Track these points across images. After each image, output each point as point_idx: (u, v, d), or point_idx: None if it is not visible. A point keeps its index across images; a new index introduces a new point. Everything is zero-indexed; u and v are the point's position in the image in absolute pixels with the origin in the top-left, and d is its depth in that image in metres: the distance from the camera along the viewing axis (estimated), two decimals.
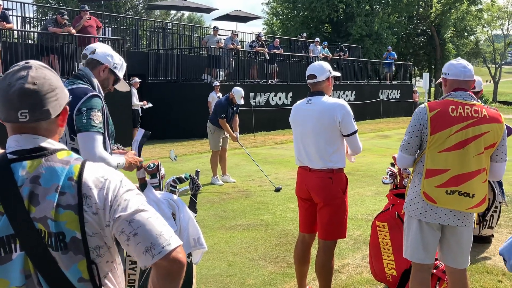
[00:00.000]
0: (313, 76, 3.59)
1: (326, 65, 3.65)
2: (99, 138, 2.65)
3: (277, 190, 7.93)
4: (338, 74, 3.79)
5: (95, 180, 1.38)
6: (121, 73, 2.97)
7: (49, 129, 1.43)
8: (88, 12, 12.93)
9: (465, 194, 2.91)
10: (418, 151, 3.09)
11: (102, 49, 2.92)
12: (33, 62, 1.43)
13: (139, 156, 3.14)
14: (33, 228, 1.33)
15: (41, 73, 1.40)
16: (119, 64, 2.94)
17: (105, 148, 2.71)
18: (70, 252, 1.35)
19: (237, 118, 8.85)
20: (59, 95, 1.43)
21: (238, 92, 8.38)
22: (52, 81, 1.41)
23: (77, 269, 1.36)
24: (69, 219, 1.34)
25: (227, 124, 8.35)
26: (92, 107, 2.64)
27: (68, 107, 1.48)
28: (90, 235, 1.37)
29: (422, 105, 3.03)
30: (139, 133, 3.25)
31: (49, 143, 1.42)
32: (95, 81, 2.81)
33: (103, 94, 2.85)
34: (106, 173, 1.43)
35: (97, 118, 2.65)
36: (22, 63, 1.42)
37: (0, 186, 1.34)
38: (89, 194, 1.36)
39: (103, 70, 2.87)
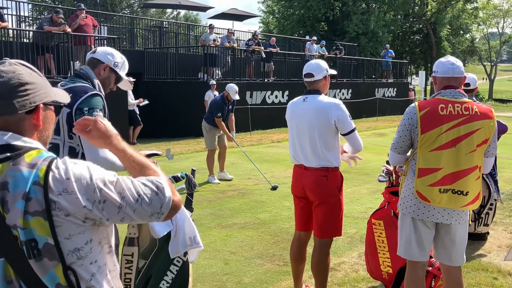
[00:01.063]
0: (310, 75, 3.59)
1: (323, 64, 3.66)
2: None
3: (274, 188, 7.94)
4: (334, 72, 3.80)
5: (60, 184, 1.31)
6: (122, 72, 2.94)
7: (20, 126, 1.37)
8: (84, 11, 12.89)
9: (459, 192, 2.92)
10: (411, 150, 3.10)
11: (102, 48, 2.92)
12: (9, 60, 1.40)
13: None
14: (10, 234, 1.29)
15: (13, 68, 1.37)
16: (120, 62, 2.91)
17: None
18: (45, 258, 1.31)
19: (233, 117, 8.84)
20: (31, 91, 1.37)
21: (231, 88, 8.36)
22: (23, 76, 1.36)
23: (54, 275, 1.32)
24: (38, 225, 1.29)
25: (223, 123, 8.34)
26: (93, 107, 2.62)
27: (42, 106, 1.42)
28: (67, 237, 1.32)
29: (412, 104, 3.04)
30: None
31: (18, 141, 1.35)
32: (96, 80, 2.80)
33: (103, 93, 2.84)
34: (68, 172, 1.34)
35: (99, 118, 2.64)
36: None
37: None
38: (56, 199, 1.30)
39: (104, 69, 2.84)
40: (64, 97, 1.55)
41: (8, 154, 1.32)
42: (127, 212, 1.37)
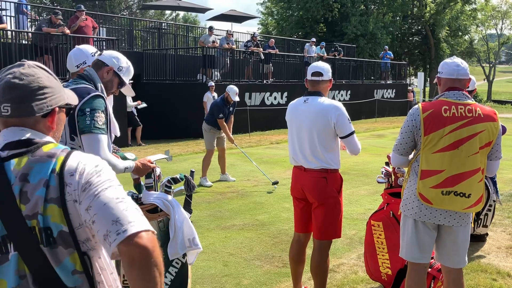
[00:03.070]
0: (319, 74, 3.60)
1: (329, 67, 3.73)
2: (104, 140, 2.64)
3: (274, 183, 8.10)
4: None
5: (74, 167, 1.35)
6: (126, 77, 2.94)
7: (35, 128, 1.42)
8: (84, 12, 12.88)
9: (461, 194, 2.91)
10: (414, 151, 3.09)
11: (108, 52, 2.93)
12: (28, 61, 1.43)
13: None
14: (25, 227, 1.31)
15: (32, 71, 1.40)
16: (125, 67, 2.92)
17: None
18: (60, 246, 1.33)
19: (232, 119, 8.86)
20: (48, 95, 1.41)
21: (232, 90, 8.41)
22: (42, 79, 1.41)
23: (69, 262, 1.34)
24: (53, 213, 1.32)
25: (225, 124, 8.34)
26: (95, 108, 2.62)
27: (57, 109, 1.46)
28: (77, 227, 1.34)
29: (416, 106, 3.03)
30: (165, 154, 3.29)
31: (36, 136, 1.40)
32: (99, 83, 2.80)
33: (106, 95, 2.83)
34: (86, 159, 1.39)
35: (101, 119, 2.64)
36: (18, 62, 1.44)
37: None
38: (69, 181, 1.33)
39: (107, 72, 2.85)
40: (74, 99, 1.60)
41: (27, 148, 1.37)
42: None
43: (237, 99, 8.48)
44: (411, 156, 3.13)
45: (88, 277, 1.37)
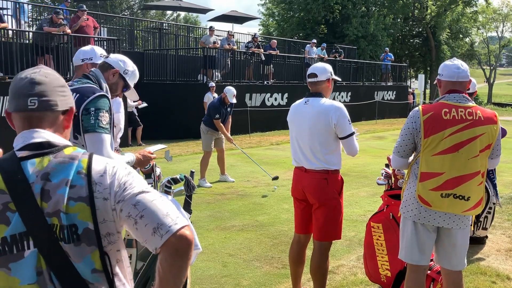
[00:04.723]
0: (313, 75, 3.60)
1: (328, 67, 3.68)
2: (107, 139, 2.66)
3: (275, 178, 8.20)
4: (338, 78, 3.81)
5: (104, 169, 1.43)
6: (131, 81, 3.01)
7: (55, 123, 1.48)
8: (85, 12, 12.89)
9: (460, 197, 2.91)
10: (414, 153, 3.09)
11: (115, 55, 2.99)
12: (45, 66, 1.55)
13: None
14: (46, 224, 1.36)
15: (51, 72, 1.52)
16: (131, 71, 2.98)
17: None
18: (83, 243, 1.38)
19: (230, 119, 8.87)
20: (67, 93, 1.53)
21: (229, 91, 8.42)
22: (60, 80, 1.52)
23: (90, 260, 1.40)
24: (81, 210, 1.38)
25: (222, 125, 8.36)
26: (100, 108, 2.65)
27: (74, 108, 1.55)
28: (101, 221, 1.40)
29: (416, 108, 3.04)
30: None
31: (55, 138, 1.46)
32: (104, 84, 2.83)
33: (110, 96, 2.86)
34: (111, 162, 1.49)
35: (105, 119, 2.66)
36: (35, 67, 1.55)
37: (12, 184, 1.38)
38: (98, 181, 1.41)
39: (113, 74, 2.90)
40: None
41: (49, 149, 1.43)
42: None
43: (234, 101, 8.49)
44: (411, 158, 3.13)
45: (107, 275, 1.43)
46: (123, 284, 1.49)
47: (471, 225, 5.02)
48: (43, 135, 1.44)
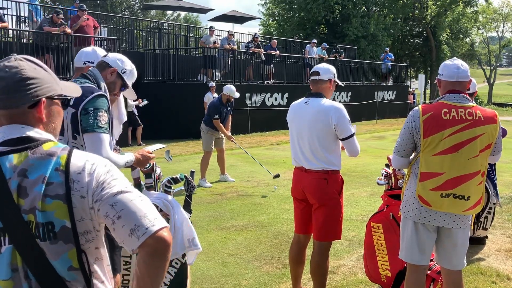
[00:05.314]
0: (316, 73, 3.61)
1: (332, 69, 3.70)
2: (106, 139, 2.66)
3: (276, 176, 8.27)
4: (341, 83, 3.81)
5: (82, 166, 1.40)
6: (129, 80, 2.98)
7: (24, 119, 1.42)
8: (86, 12, 12.89)
9: (460, 197, 2.91)
10: (414, 153, 3.09)
11: (113, 54, 2.96)
12: (16, 55, 1.46)
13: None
14: (22, 221, 1.34)
15: (17, 63, 1.42)
16: (129, 70, 2.95)
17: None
18: (60, 241, 1.36)
19: (230, 118, 8.88)
20: (33, 86, 1.41)
21: (229, 89, 8.46)
22: (25, 71, 1.41)
23: (67, 258, 1.38)
24: (57, 208, 1.35)
25: (221, 125, 8.37)
26: (98, 107, 2.64)
27: (44, 100, 1.45)
28: (79, 219, 1.38)
29: (416, 108, 3.04)
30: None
31: (36, 133, 1.43)
32: (102, 83, 2.82)
33: (108, 96, 2.85)
34: (92, 158, 1.44)
35: (104, 118, 2.65)
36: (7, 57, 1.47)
37: None
38: (76, 178, 1.37)
39: (111, 73, 2.87)
40: (73, 91, 1.60)
41: (28, 145, 1.40)
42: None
43: (237, 95, 8.59)
44: (411, 157, 3.13)
45: (84, 273, 1.41)
46: (101, 282, 1.46)
47: (471, 225, 5.04)
48: (22, 130, 1.41)
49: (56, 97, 1.50)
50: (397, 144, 3.09)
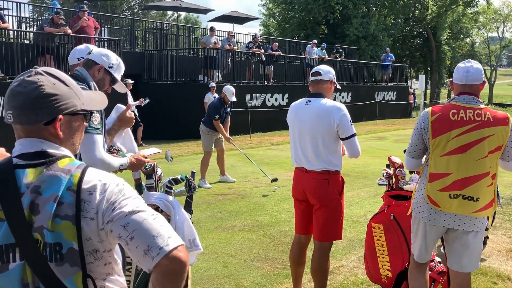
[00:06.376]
0: (317, 73, 3.62)
1: (332, 70, 3.73)
2: (99, 140, 2.64)
3: (274, 180, 8.25)
4: (339, 86, 3.83)
5: (94, 185, 1.37)
6: (117, 74, 2.92)
7: (41, 134, 1.41)
8: (86, 13, 12.89)
9: (469, 198, 2.92)
10: (426, 155, 3.12)
11: (98, 50, 2.90)
12: (39, 68, 1.43)
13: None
14: (31, 237, 1.32)
15: (36, 78, 1.39)
16: (116, 64, 2.89)
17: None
18: (66, 264, 1.34)
19: (229, 119, 8.87)
20: (50, 103, 1.39)
21: (228, 90, 8.43)
22: (44, 87, 1.39)
23: (72, 282, 1.35)
24: (66, 229, 1.33)
25: (221, 125, 8.36)
26: None
27: (61, 117, 1.43)
28: (87, 239, 1.36)
29: (426, 109, 3.08)
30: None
31: (53, 148, 1.41)
32: (92, 82, 2.79)
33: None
34: (105, 177, 1.41)
35: (96, 119, 2.64)
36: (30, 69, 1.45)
37: (3, 192, 1.34)
38: (87, 199, 1.35)
39: (98, 70, 2.82)
40: (98, 103, 1.58)
41: (43, 160, 1.38)
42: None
43: (234, 99, 8.50)
44: (423, 158, 3.16)
45: None
46: None
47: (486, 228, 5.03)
48: (39, 144, 1.40)
49: (78, 112, 1.48)
50: (409, 146, 3.14)
